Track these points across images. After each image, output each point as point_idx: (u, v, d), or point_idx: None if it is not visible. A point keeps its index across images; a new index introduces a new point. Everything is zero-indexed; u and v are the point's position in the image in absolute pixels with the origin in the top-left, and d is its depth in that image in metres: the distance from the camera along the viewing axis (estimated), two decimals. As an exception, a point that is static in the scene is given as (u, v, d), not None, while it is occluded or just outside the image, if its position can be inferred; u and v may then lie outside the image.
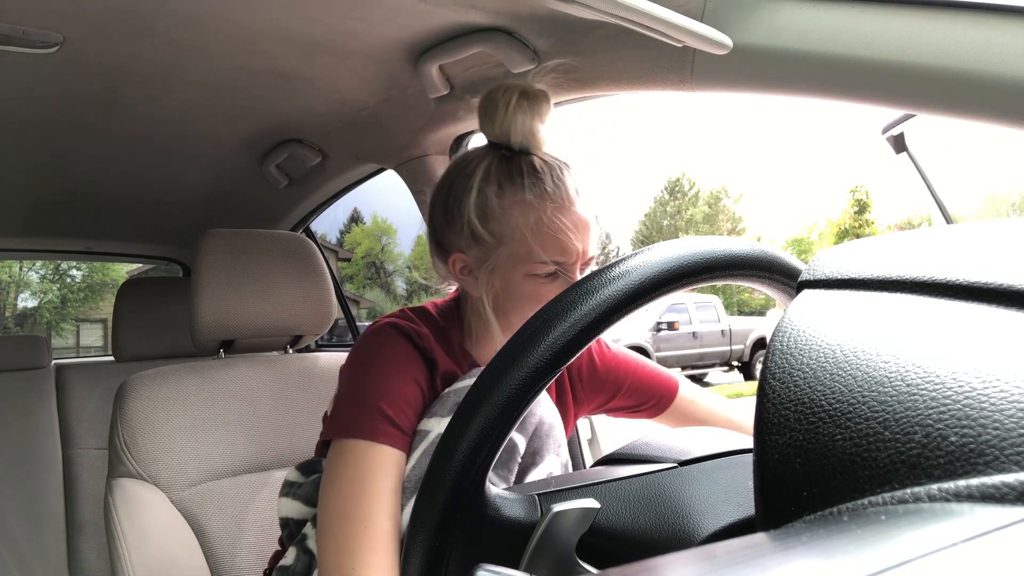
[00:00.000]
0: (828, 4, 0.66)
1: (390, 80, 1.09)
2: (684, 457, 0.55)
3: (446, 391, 0.77)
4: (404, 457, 0.75)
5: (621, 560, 0.48)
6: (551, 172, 0.81)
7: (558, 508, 0.48)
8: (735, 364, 12.50)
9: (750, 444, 0.55)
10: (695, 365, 12.11)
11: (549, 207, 0.79)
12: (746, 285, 0.52)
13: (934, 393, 0.26)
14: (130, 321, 1.98)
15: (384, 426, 0.74)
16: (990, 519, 0.20)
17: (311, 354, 1.31)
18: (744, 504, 0.51)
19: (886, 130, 1.18)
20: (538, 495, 0.51)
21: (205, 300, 1.15)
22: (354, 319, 2.18)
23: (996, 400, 0.24)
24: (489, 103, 0.81)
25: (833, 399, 0.29)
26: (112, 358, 2.07)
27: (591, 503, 0.49)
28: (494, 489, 0.49)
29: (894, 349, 0.29)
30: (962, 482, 0.23)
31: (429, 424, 0.75)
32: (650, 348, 11.19)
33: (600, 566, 0.49)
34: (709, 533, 0.48)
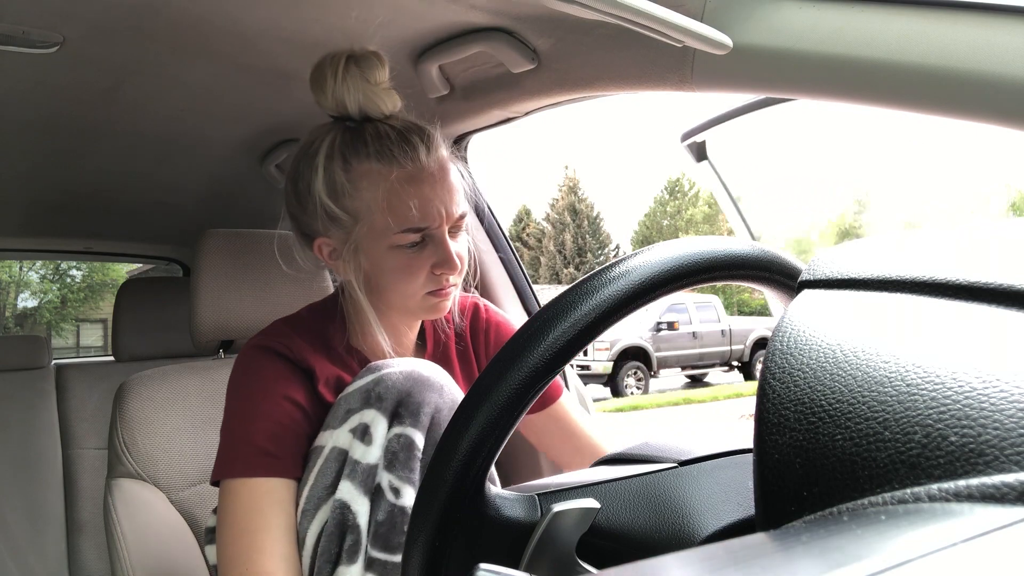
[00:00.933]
0: (828, 4, 0.66)
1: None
2: (684, 457, 0.55)
3: (338, 398, 0.73)
4: (292, 483, 0.71)
5: (621, 560, 0.48)
6: (397, 135, 0.76)
7: (558, 508, 0.48)
8: (735, 364, 12.51)
9: (750, 444, 0.55)
10: (695, 365, 12.12)
11: (397, 173, 0.74)
12: (746, 285, 0.52)
13: (934, 393, 0.26)
14: (130, 321, 1.98)
15: (258, 459, 0.70)
16: (990, 519, 0.20)
17: (311, 354, 1.31)
18: (744, 504, 0.51)
19: (686, 138, 1.13)
20: (538, 495, 0.51)
21: (205, 300, 1.15)
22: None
23: (996, 400, 0.24)
24: (318, 74, 0.77)
25: (833, 399, 0.29)
26: (112, 358, 2.07)
27: (591, 503, 0.49)
28: (494, 489, 0.49)
29: (894, 349, 0.29)
30: (962, 482, 0.23)
31: (323, 439, 0.71)
32: (650, 348, 11.19)
33: (600, 566, 0.49)
34: (709, 533, 0.48)
